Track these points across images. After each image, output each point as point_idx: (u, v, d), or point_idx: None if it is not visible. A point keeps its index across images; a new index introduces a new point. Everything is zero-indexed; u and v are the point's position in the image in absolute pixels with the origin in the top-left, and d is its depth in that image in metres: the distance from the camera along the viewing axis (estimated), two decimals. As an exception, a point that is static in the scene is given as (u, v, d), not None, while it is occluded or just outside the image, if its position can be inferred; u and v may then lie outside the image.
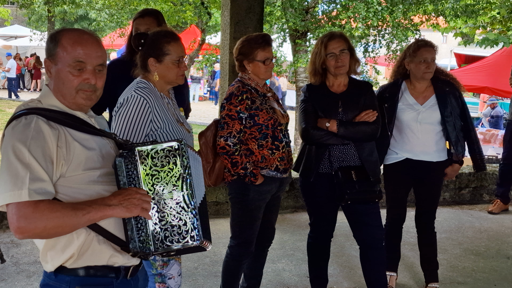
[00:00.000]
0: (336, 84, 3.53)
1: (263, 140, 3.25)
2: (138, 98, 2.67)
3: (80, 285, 1.86)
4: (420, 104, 3.79)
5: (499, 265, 4.71)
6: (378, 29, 10.74)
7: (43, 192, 1.70)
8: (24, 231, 1.66)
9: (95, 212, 1.72)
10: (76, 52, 1.85)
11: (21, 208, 1.65)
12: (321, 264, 3.82)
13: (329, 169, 3.49)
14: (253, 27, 5.17)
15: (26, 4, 18.60)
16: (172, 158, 1.85)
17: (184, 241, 1.84)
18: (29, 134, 1.73)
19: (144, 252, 1.84)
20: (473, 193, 6.71)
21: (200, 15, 14.94)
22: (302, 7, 10.33)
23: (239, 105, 3.20)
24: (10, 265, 4.27)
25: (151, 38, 2.77)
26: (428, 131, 3.77)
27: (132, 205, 1.76)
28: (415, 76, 3.78)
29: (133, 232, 1.84)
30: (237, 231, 3.41)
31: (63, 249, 1.83)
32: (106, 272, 1.90)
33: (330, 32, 3.63)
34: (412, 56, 3.76)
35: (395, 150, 3.85)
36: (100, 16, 16.46)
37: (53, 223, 1.67)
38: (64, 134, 1.80)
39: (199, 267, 4.37)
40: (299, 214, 5.86)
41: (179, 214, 1.84)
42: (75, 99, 1.89)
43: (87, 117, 1.95)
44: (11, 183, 1.68)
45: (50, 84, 1.93)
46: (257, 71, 3.29)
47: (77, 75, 1.86)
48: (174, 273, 2.79)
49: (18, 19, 31.87)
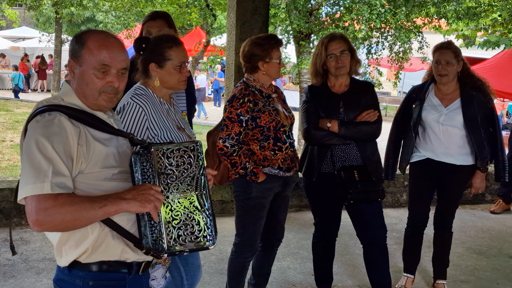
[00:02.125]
0: (337, 84, 3.57)
1: (265, 142, 3.28)
2: (134, 105, 2.65)
3: (93, 280, 1.89)
4: (444, 106, 3.79)
5: (502, 264, 4.75)
6: (381, 31, 10.77)
7: (64, 187, 1.73)
8: (43, 223, 1.68)
9: (111, 205, 1.75)
10: (102, 55, 1.87)
11: (41, 201, 1.68)
12: (326, 263, 3.86)
13: (331, 169, 3.53)
14: (258, 28, 5.23)
15: (34, 6, 18.73)
16: (187, 158, 1.87)
17: (197, 240, 1.85)
18: (52, 130, 1.76)
19: (157, 250, 1.86)
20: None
21: (205, 17, 14.99)
22: (306, 9, 10.37)
23: (240, 108, 3.22)
24: (19, 262, 4.33)
25: (153, 43, 2.73)
26: (451, 133, 3.76)
27: (146, 200, 1.78)
28: (435, 78, 3.82)
29: (146, 229, 1.86)
30: (241, 229, 3.45)
31: (77, 244, 1.86)
32: (119, 267, 1.92)
33: (331, 33, 3.66)
34: (433, 57, 3.81)
35: (419, 149, 3.88)
36: (107, 18, 16.53)
37: (71, 216, 1.69)
38: (85, 133, 1.84)
39: (205, 265, 4.42)
40: (304, 213, 5.90)
41: (193, 213, 1.85)
42: (97, 101, 1.92)
43: (106, 117, 1.98)
44: (34, 176, 1.70)
45: (71, 83, 1.96)
46: (272, 71, 3.32)
47: (101, 78, 1.89)
48: (158, 275, 2.85)
49: (26, 21, 32.01)
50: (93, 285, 1.89)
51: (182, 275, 3.00)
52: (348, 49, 3.49)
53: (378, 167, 3.60)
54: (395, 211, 6.25)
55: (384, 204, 6.19)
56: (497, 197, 6.52)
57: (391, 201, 6.34)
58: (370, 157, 3.54)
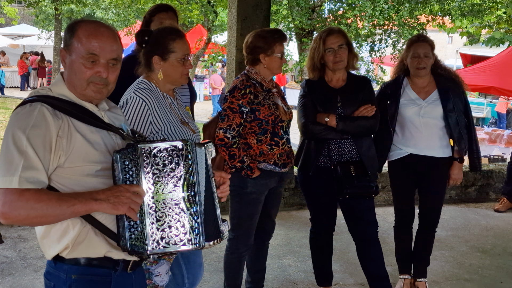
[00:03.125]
0: (334, 79, 3.55)
1: (262, 136, 3.25)
2: (137, 100, 2.60)
3: (77, 274, 1.85)
4: (422, 99, 3.77)
5: (506, 262, 4.71)
6: (384, 28, 10.72)
7: (35, 181, 1.70)
8: (7, 217, 1.68)
9: (80, 205, 1.71)
10: (91, 44, 1.84)
11: (7, 194, 1.67)
12: (325, 259, 3.82)
13: (328, 163, 3.51)
14: (260, 24, 5.17)
15: (33, 3, 18.70)
16: (175, 158, 1.80)
17: (181, 243, 1.78)
18: (30, 122, 1.73)
19: (137, 251, 1.80)
20: (480, 191, 6.70)
21: (206, 14, 14.95)
22: (308, 6, 10.32)
23: (241, 99, 3.20)
24: (17, 259, 4.30)
25: (156, 35, 2.67)
26: (431, 126, 3.75)
27: (119, 202, 1.73)
28: (411, 72, 3.79)
29: (124, 230, 1.80)
30: (235, 224, 3.42)
31: (58, 239, 1.83)
32: (104, 263, 1.88)
33: (329, 27, 3.64)
34: (407, 51, 3.77)
35: (399, 146, 3.83)
36: (107, 14, 16.50)
37: (36, 212, 1.68)
38: (68, 125, 1.79)
39: (205, 263, 4.33)
40: (305, 211, 5.85)
41: (178, 215, 1.79)
42: (85, 91, 1.88)
43: (97, 109, 1.93)
44: (5, 169, 1.70)
45: (64, 74, 1.93)
46: (273, 66, 3.30)
47: (90, 68, 1.85)
48: (162, 271, 2.82)
49: (25, 18, 31.98)
50: (76, 279, 1.85)
51: (184, 273, 2.96)
52: (346, 44, 3.48)
53: (374, 163, 3.58)
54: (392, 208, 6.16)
55: (380, 201, 6.16)
56: (501, 196, 6.48)
57: (388, 199, 6.27)
58: (367, 152, 3.53)
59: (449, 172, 3.84)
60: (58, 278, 1.87)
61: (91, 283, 1.88)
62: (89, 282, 1.87)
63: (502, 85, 8.63)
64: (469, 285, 4.22)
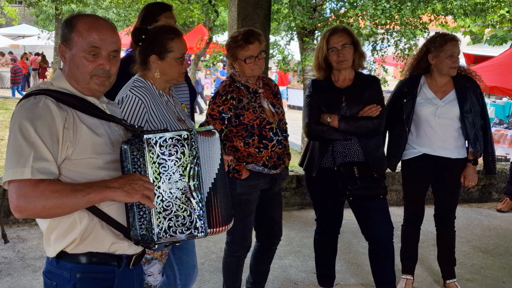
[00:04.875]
0: (341, 78, 3.50)
1: (249, 139, 3.20)
2: (133, 98, 2.58)
3: (81, 273, 1.84)
4: (439, 98, 3.71)
5: (508, 262, 4.67)
6: (386, 27, 10.67)
7: (46, 172, 1.69)
8: (23, 210, 1.66)
9: (95, 194, 1.71)
10: (91, 37, 1.84)
11: (21, 187, 1.65)
12: (328, 260, 3.79)
13: (332, 164, 3.47)
14: (260, 22, 5.15)
15: (33, 3, 18.70)
16: (180, 147, 1.82)
17: (188, 232, 1.82)
18: (37, 113, 1.73)
19: (146, 241, 1.83)
20: (482, 191, 6.66)
21: (207, 13, 14.92)
22: (309, 5, 10.26)
23: (222, 105, 3.15)
24: (16, 260, 4.28)
25: (153, 34, 2.63)
26: (447, 126, 3.69)
27: (133, 190, 1.74)
28: (440, 71, 3.69)
29: (134, 220, 1.82)
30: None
31: (66, 233, 1.82)
32: (108, 260, 1.88)
33: (334, 26, 3.59)
34: (439, 50, 3.66)
35: (413, 145, 3.78)
36: (108, 14, 16.50)
37: (52, 203, 1.66)
38: (73, 116, 1.79)
39: (205, 263, 4.35)
40: (306, 211, 5.83)
41: (184, 204, 1.82)
42: (89, 85, 1.88)
43: (98, 102, 1.94)
44: (15, 160, 1.68)
45: (63, 69, 1.92)
46: (242, 70, 3.22)
47: (92, 61, 1.85)
48: (155, 271, 2.81)
49: (25, 18, 32.01)
50: (80, 277, 1.84)
51: (176, 273, 2.93)
52: (351, 43, 3.41)
53: (381, 163, 3.50)
54: (400, 209, 6.13)
55: (388, 202, 6.11)
56: (504, 196, 6.43)
57: (396, 199, 6.24)
58: (373, 153, 3.46)
59: (463, 174, 3.80)
60: (61, 277, 1.85)
61: (96, 280, 1.88)
62: (94, 279, 1.87)
63: (505, 85, 8.60)
64: (471, 285, 4.19)
